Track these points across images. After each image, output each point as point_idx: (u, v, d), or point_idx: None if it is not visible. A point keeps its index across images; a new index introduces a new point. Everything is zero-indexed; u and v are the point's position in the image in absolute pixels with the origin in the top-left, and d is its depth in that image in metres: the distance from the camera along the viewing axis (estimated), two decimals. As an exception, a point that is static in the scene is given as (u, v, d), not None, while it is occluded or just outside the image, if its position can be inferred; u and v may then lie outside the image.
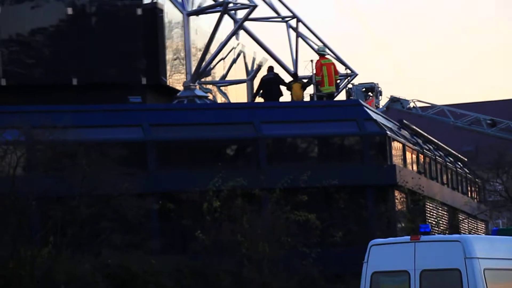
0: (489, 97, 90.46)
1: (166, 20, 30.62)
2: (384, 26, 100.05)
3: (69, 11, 29.51)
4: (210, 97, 30.94)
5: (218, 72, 33.17)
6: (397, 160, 27.61)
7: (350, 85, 33.08)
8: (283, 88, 29.82)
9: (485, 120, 36.81)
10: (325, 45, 33.27)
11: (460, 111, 37.92)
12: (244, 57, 34.34)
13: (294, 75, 30.57)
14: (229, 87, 33.54)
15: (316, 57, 30.20)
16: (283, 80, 30.18)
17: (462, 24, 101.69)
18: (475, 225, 35.09)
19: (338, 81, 30.70)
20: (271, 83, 29.35)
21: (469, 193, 35.60)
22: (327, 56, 29.95)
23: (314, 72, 29.33)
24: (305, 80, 30.02)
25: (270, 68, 30.14)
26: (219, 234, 24.69)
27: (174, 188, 25.38)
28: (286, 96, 31.03)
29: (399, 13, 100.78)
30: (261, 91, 29.75)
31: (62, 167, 23.01)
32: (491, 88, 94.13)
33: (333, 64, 29.31)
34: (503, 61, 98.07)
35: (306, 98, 29.72)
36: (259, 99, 33.79)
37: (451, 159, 34.82)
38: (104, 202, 22.89)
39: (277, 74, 30.06)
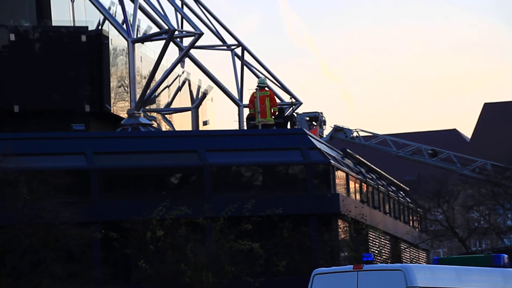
0: (430, 127, 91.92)
1: (111, 47, 30.52)
2: (337, 56, 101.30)
3: (12, 37, 29.26)
4: (155, 125, 30.86)
5: (163, 99, 33.12)
6: (340, 189, 27.81)
7: (294, 114, 33.29)
8: None
9: (427, 150, 37.29)
10: (270, 73, 33.50)
11: (402, 141, 38.35)
12: (189, 85, 34.37)
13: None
14: (173, 115, 33.50)
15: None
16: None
17: (403, 55, 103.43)
18: (417, 254, 35.44)
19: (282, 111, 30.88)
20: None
21: (411, 222, 35.97)
22: (265, 88, 30.20)
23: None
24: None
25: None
26: (163, 263, 24.53)
27: (117, 217, 25.19)
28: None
29: (352, 43, 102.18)
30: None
31: (2, 196, 22.68)
32: (432, 118, 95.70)
33: (269, 96, 29.60)
34: (444, 92, 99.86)
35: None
36: (204, 127, 33.81)
37: (393, 188, 35.18)
38: (45, 231, 22.59)
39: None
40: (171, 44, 30.40)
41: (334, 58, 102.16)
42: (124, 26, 29.67)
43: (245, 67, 33.29)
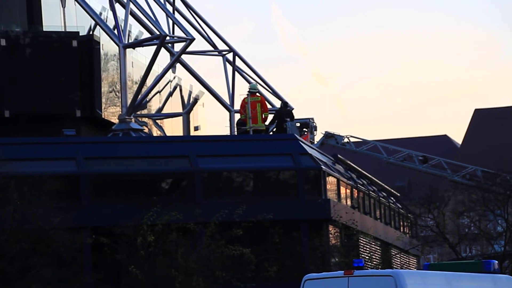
0: (421, 133, 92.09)
1: (102, 52, 30.50)
2: (328, 62, 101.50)
3: (3, 42, 29.22)
4: (146, 130, 30.84)
5: (154, 105, 33.11)
6: (331, 194, 27.83)
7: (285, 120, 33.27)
8: None
9: (417, 156, 37.36)
10: (261, 79, 33.53)
11: (393, 147, 38.43)
12: (181, 90, 34.36)
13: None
14: (165, 120, 33.49)
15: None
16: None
17: (394, 62, 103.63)
18: (407, 260, 35.48)
19: (269, 118, 30.94)
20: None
21: (402, 228, 36.02)
22: (257, 94, 30.24)
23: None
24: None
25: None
26: (153, 268, 24.50)
27: (108, 222, 25.15)
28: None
29: (343, 50, 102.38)
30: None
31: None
32: (423, 124, 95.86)
33: (260, 101, 29.65)
34: (435, 98, 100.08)
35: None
36: (195, 133, 33.82)
37: (384, 194, 35.23)
38: (35, 236, 22.54)
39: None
40: (163, 49, 30.41)
41: (326, 64, 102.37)
42: (115, 31, 29.65)
43: (236, 72, 33.30)
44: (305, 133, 32.50)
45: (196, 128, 34.29)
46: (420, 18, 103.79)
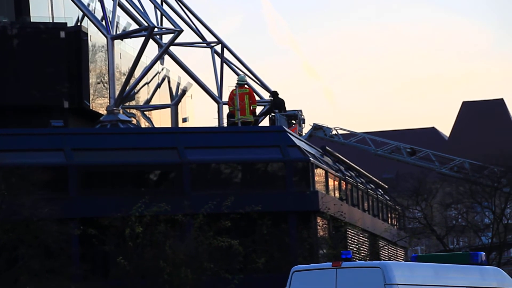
0: (409, 125, 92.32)
1: (90, 43, 30.41)
2: (319, 54, 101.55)
3: (-10, 32, 29.11)
4: (134, 121, 30.81)
5: (142, 96, 33.07)
6: (319, 186, 27.87)
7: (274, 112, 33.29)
8: None
9: (405, 148, 37.44)
10: (249, 70, 33.53)
11: (381, 139, 38.49)
12: (169, 82, 34.32)
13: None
14: (153, 111, 33.45)
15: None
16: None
17: (384, 54, 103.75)
18: (395, 251, 35.59)
19: (259, 108, 30.99)
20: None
21: (389, 220, 36.12)
22: (245, 86, 30.25)
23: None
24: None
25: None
26: (141, 259, 24.50)
27: (96, 213, 25.12)
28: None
29: (333, 42, 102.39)
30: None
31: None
32: (411, 116, 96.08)
33: (248, 93, 29.67)
34: (423, 90, 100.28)
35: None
36: (183, 124, 33.81)
37: (372, 186, 35.30)
38: (23, 227, 22.50)
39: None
40: (151, 41, 30.34)
41: (316, 57, 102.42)
42: (104, 22, 29.56)
43: (224, 64, 33.28)
44: (294, 125, 32.53)
45: (184, 120, 34.27)
46: (410, 11, 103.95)
